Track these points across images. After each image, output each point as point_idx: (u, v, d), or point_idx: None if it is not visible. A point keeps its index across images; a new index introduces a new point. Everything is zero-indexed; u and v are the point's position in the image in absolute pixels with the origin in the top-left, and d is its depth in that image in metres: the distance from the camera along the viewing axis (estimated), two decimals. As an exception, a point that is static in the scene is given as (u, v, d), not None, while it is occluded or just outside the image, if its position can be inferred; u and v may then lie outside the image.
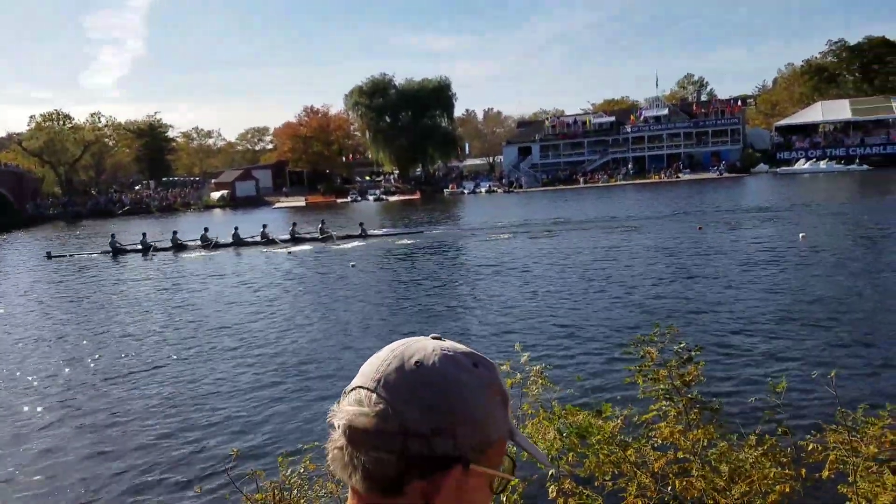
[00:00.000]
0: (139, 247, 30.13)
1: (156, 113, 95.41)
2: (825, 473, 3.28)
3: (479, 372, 0.82)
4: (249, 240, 29.93)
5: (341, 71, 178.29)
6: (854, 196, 35.80)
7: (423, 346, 0.82)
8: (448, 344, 0.85)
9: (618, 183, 60.86)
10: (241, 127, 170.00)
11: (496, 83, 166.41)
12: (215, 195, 71.42)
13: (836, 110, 62.88)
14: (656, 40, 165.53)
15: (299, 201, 66.17)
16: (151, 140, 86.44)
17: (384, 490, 0.78)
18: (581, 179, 63.95)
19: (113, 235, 31.12)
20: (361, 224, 30.88)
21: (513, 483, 3.48)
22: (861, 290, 13.61)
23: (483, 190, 64.55)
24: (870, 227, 22.72)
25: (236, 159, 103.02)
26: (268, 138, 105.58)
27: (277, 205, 66.02)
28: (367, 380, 0.81)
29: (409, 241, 27.86)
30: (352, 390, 0.82)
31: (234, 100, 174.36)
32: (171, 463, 7.47)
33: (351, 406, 0.80)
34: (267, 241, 29.82)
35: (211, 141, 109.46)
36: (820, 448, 3.37)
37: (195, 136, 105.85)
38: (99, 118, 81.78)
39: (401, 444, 0.76)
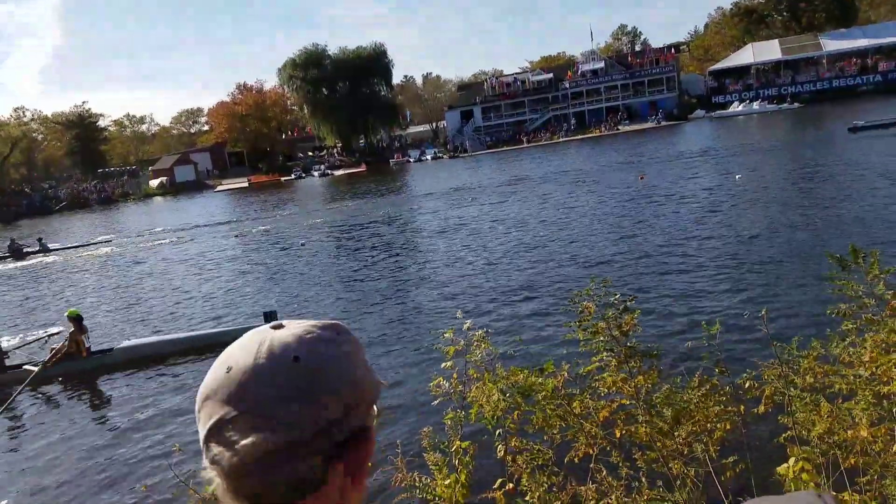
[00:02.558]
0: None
1: (83, 102, 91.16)
2: (762, 408, 3.38)
3: (343, 338, 0.80)
4: None
5: (273, 45, 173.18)
6: (785, 134, 36.94)
7: (284, 341, 0.76)
8: (301, 325, 0.80)
9: (560, 140, 61.33)
10: (174, 110, 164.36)
11: (432, 49, 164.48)
12: (154, 183, 69.30)
13: (766, 51, 64.38)
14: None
15: (242, 183, 64.67)
16: (82, 131, 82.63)
17: (308, 493, 0.74)
18: (524, 139, 64.16)
19: None
20: (40, 239, 29.32)
21: (464, 445, 3.50)
22: (789, 226, 14.12)
23: (429, 157, 64.15)
24: (800, 164, 23.54)
25: (173, 144, 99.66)
26: (203, 120, 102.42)
27: (219, 188, 64.41)
28: (248, 402, 0.72)
29: (358, 214, 27.57)
30: (229, 422, 0.72)
31: (165, 83, 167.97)
32: (112, 464, 7.26)
33: (248, 437, 0.71)
34: None
35: (144, 127, 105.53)
36: (756, 384, 3.47)
37: (127, 123, 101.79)
38: (24, 112, 77.88)
39: (324, 440, 0.73)
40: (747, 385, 3.47)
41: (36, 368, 10.07)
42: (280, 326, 0.79)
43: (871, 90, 56.09)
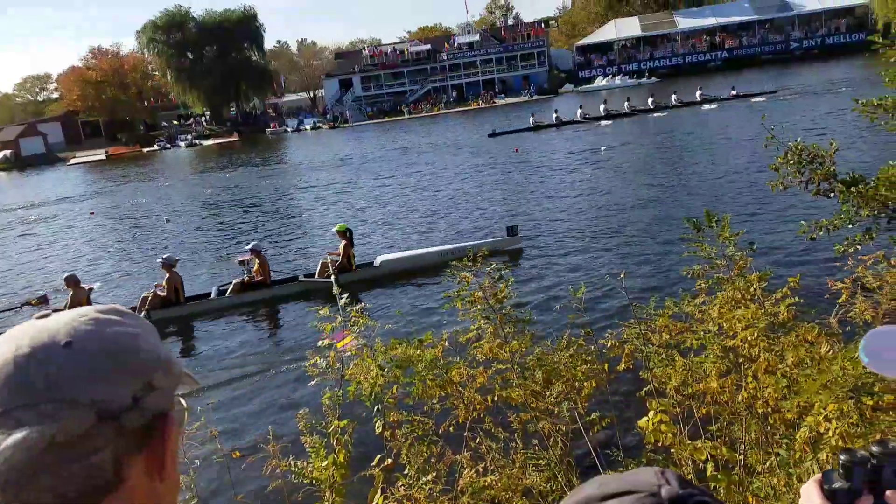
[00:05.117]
0: None
1: None
2: (622, 366, 3.59)
3: (129, 320, 0.71)
4: None
5: (131, 5, 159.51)
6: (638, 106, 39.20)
7: (50, 329, 0.66)
8: (75, 311, 0.70)
9: (440, 112, 61.34)
10: (16, 76, 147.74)
11: (305, 13, 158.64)
12: (-4, 157, 62.12)
13: (627, 28, 67.70)
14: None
15: (99, 155, 59.46)
16: None
17: (101, 495, 0.64)
18: (405, 110, 63.65)
19: None
20: None
21: (342, 424, 3.45)
22: (649, 194, 15.14)
23: (308, 127, 62.11)
24: (666, 134, 25.20)
25: (17, 113, 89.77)
26: (52, 87, 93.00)
27: (73, 161, 58.92)
28: (11, 397, 0.61)
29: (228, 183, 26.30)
30: None
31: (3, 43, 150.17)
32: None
33: (12, 435, 0.60)
34: None
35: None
36: (618, 343, 3.67)
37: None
38: None
39: (111, 430, 0.63)
40: (610, 344, 3.68)
41: (324, 280, 10.52)
42: (47, 316, 0.69)
43: (719, 66, 60.75)
